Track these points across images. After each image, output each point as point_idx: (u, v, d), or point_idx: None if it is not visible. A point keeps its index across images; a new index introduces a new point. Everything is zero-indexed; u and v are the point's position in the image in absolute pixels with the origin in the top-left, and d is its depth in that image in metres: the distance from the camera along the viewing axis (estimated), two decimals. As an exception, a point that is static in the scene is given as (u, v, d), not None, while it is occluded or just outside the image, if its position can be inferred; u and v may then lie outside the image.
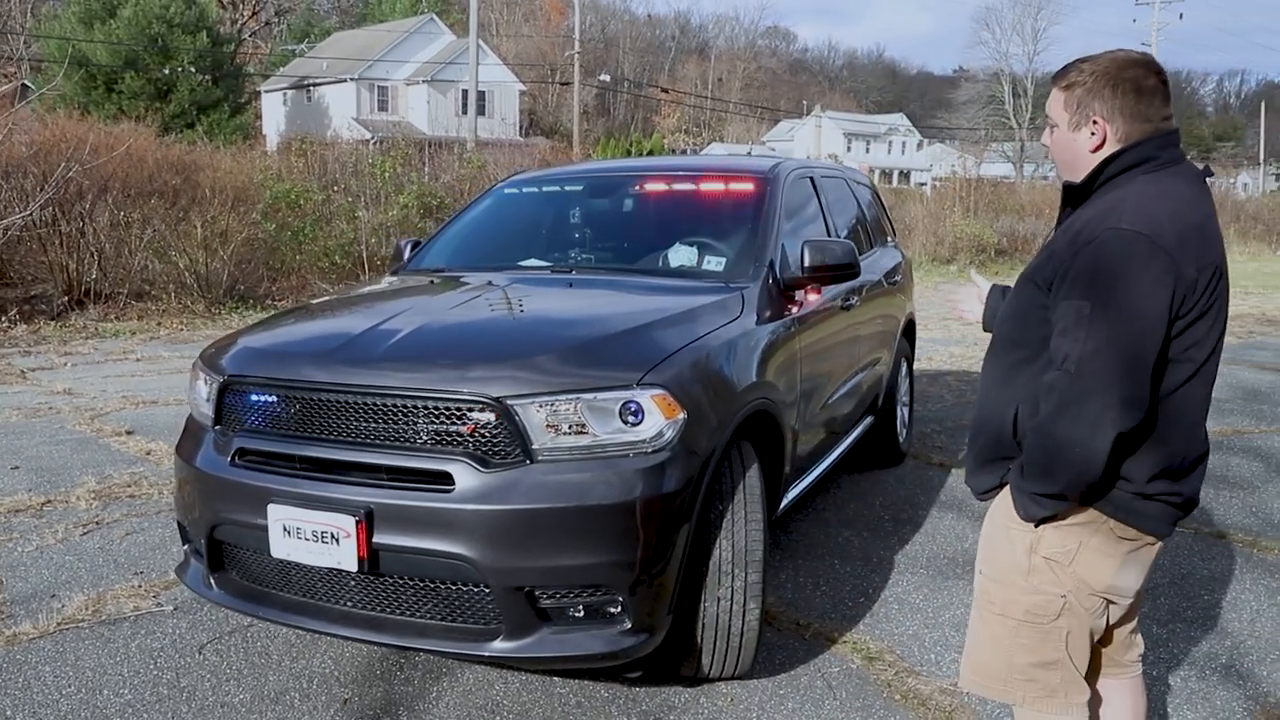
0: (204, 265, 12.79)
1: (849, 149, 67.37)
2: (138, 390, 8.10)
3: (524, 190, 5.02)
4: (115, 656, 3.48)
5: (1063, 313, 1.97)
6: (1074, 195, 2.14)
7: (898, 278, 5.90)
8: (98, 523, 4.86)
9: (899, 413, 5.97)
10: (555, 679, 3.34)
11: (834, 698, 3.27)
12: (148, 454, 6.14)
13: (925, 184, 44.85)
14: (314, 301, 4.21)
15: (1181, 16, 47.91)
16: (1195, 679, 3.43)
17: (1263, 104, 78.58)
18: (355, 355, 3.03)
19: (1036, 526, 2.12)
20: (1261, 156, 72.31)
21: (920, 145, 74.46)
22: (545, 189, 5.04)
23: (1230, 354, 10.51)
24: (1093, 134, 2.09)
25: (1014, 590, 2.17)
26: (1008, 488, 2.16)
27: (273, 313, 4.50)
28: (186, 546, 3.41)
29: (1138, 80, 2.05)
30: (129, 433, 6.65)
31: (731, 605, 3.09)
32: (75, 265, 12.34)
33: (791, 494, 4.03)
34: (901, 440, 6.02)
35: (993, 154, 49.80)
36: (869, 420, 5.39)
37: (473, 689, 3.30)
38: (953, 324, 12.47)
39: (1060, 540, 2.11)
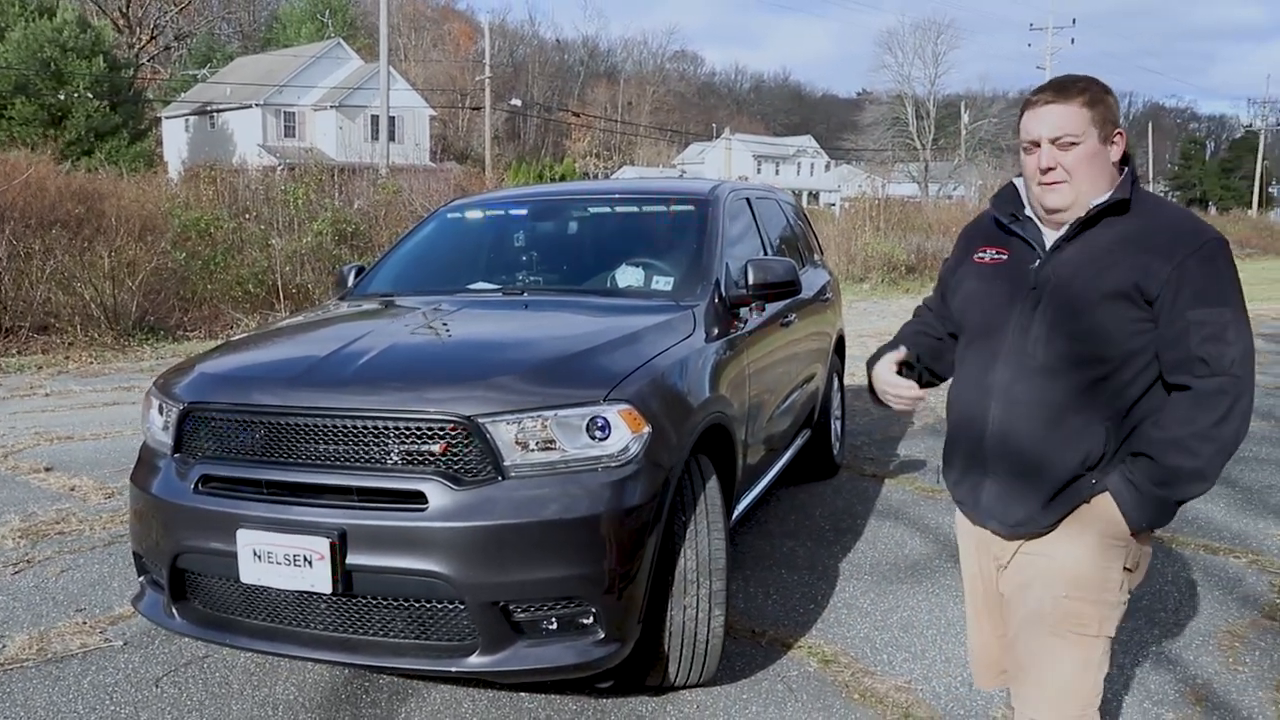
0: (111, 296, 12.43)
1: (759, 170, 68.59)
2: (50, 426, 7.84)
3: (467, 214, 5.06)
4: (67, 694, 3.40)
5: (1200, 320, 2.01)
6: (1112, 209, 2.12)
7: (828, 295, 6.09)
8: (28, 561, 4.71)
9: (833, 426, 6.15)
10: (523, 693, 3.38)
11: (795, 700, 3.38)
12: (71, 490, 5.97)
13: (835, 204, 45.94)
14: (268, 328, 4.19)
15: (1073, 41, 50.47)
16: (1130, 665, 3.63)
17: (1150, 124, 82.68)
18: (323, 379, 3.04)
19: (1131, 538, 2.15)
20: (1150, 174, 75.92)
21: (828, 166, 76.17)
22: (489, 213, 5.09)
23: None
24: (1115, 144, 2.15)
25: (1108, 607, 2.16)
26: (1094, 506, 2.13)
27: (225, 340, 4.46)
28: (143, 577, 3.36)
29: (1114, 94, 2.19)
30: (48, 469, 6.44)
31: (697, 613, 3.18)
32: (-27, 298, 11.87)
33: (742, 505, 4.14)
34: (836, 453, 6.20)
35: (898, 174, 51.25)
36: (806, 434, 5.55)
37: (440, 708, 3.31)
38: (870, 341, 12.83)
39: (1140, 549, 2.20)
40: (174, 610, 3.16)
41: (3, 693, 3.41)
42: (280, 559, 2.83)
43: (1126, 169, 2.17)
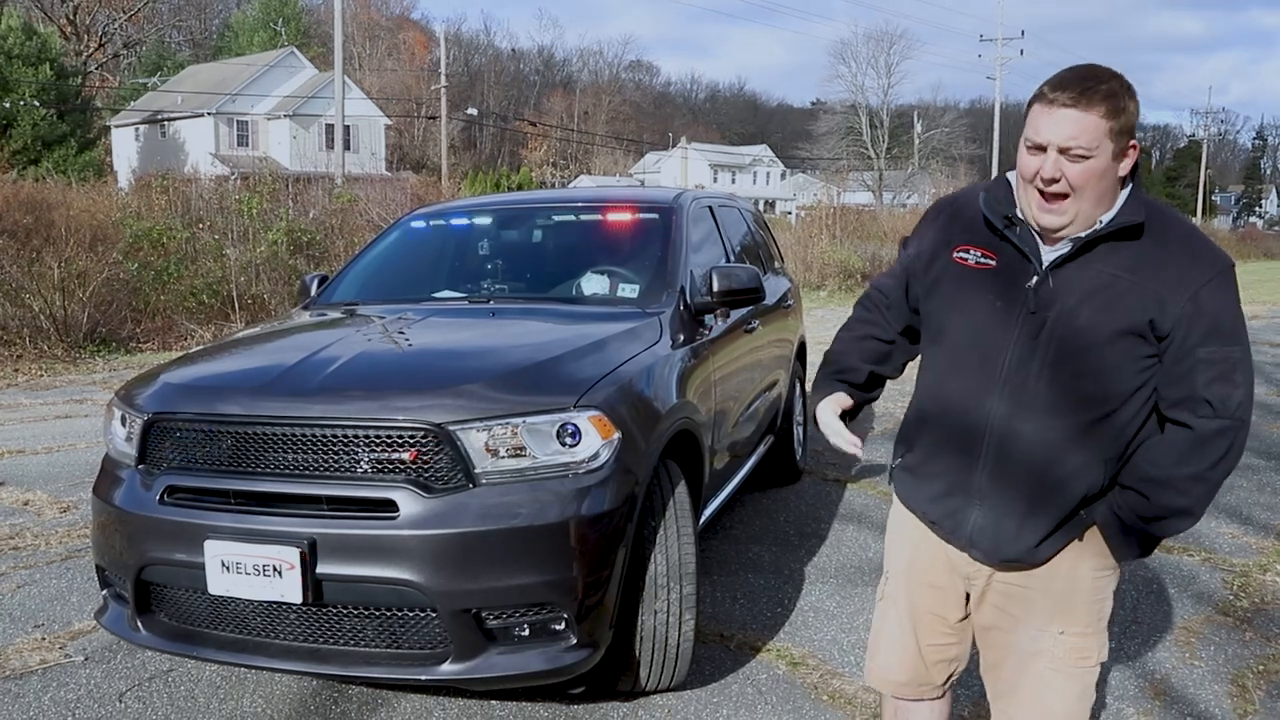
0: (61, 308, 12.21)
1: (715, 180, 69.00)
2: (0, 440, 7.68)
3: (431, 223, 5.05)
4: (28, 711, 3.33)
5: (1209, 359, 1.92)
6: (1123, 233, 1.96)
7: (790, 302, 6.15)
8: (-18, 577, 4.61)
9: (796, 431, 6.20)
10: (494, 701, 3.37)
11: (765, 702, 3.41)
12: (25, 504, 5.85)
13: (791, 213, 46.30)
14: (231, 337, 4.15)
15: (1022, 53, 51.25)
16: (1090, 663, 3.70)
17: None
18: (291, 388, 3.02)
19: (1118, 565, 2.13)
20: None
21: (784, 175, 76.82)
22: (453, 221, 5.08)
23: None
24: (1128, 157, 1.95)
25: (1103, 635, 2.15)
26: (1085, 541, 2.09)
27: (184, 351, 4.40)
28: (106, 591, 3.31)
29: (1134, 89, 1.94)
30: (0, 484, 6.31)
31: (668, 618, 3.20)
32: (-82, 311, 11.60)
33: (708, 510, 4.16)
34: (799, 458, 6.26)
35: (853, 183, 51.75)
36: (770, 439, 5.59)
37: (411, 717, 3.29)
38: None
39: (1121, 573, 2.19)
40: (139, 623, 3.11)
41: (-40, 711, 3.34)
42: (249, 569, 2.81)
43: (1131, 183, 1.99)
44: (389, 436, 2.87)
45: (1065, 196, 1.93)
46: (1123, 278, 1.94)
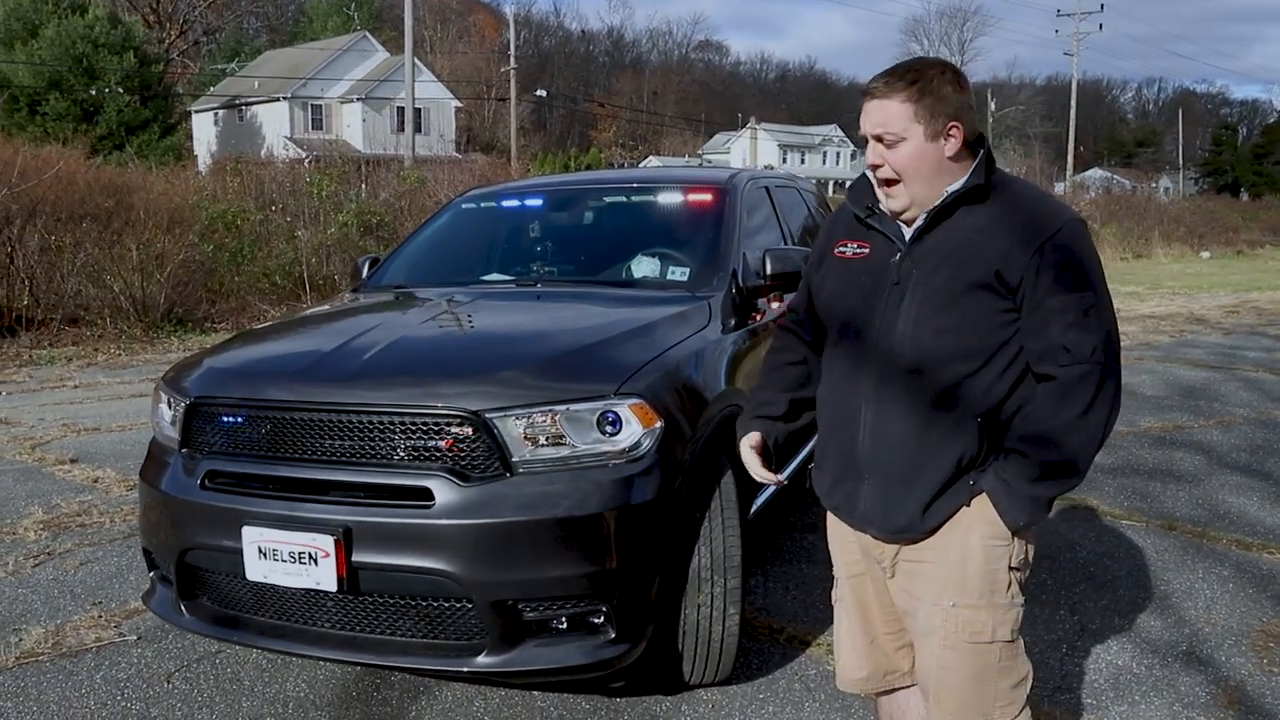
0: (140, 289, 12.53)
1: (784, 160, 68.26)
2: (78, 418, 7.89)
3: (482, 205, 5.02)
4: (79, 689, 3.39)
5: (1061, 307, 1.95)
6: (968, 196, 2.04)
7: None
8: (49, 553, 4.72)
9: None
10: (535, 692, 3.33)
11: (813, 699, 3.31)
12: (95, 482, 5.99)
13: (861, 193, 45.51)
14: (275, 322, 4.17)
15: (1101, 27, 49.46)
16: (1159, 666, 3.52)
17: (1179, 111, 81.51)
18: (328, 373, 3.00)
19: (1014, 537, 2.07)
20: (1180, 161, 74.79)
21: (854, 155, 75.68)
22: (504, 203, 5.04)
23: (1164, 352, 10.82)
24: (951, 138, 2.02)
25: (1000, 610, 2.08)
26: (974, 509, 2.06)
27: (233, 334, 4.42)
28: (153, 573, 3.34)
29: (963, 77, 2.07)
30: (73, 461, 6.47)
31: (712, 611, 3.11)
32: (4, 292, 11.98)
33: (761, 499, 4.06)
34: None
35: (926, 163, 50.76)
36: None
37: (452, 707, 3.27)
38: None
39: (1023, 548, 2.11)
40: (183, 607, 3.13)
41: (17, 687, 3.40)
42: (285, 556, 2.79)
43: (981, 151, 2.07)
44: (426, 423, 2.83)
45: (896, 182, 2.04)
46: (975, 238, 2.01)
